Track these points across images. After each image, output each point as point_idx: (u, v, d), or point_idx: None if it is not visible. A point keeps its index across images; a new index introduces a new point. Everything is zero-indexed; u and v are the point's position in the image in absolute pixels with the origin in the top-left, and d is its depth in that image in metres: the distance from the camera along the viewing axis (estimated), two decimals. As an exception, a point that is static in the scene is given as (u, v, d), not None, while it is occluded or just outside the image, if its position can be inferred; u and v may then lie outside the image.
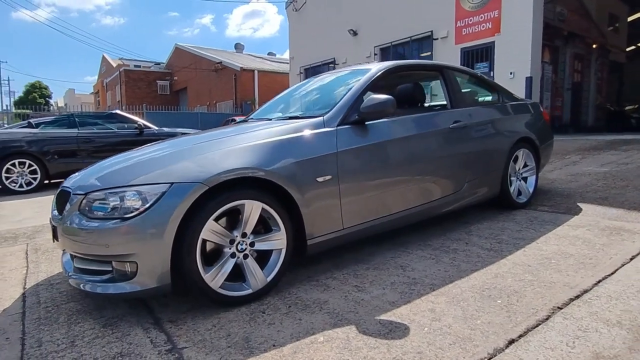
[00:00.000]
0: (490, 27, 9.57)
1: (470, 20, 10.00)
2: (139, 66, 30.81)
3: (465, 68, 3.77)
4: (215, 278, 1.98)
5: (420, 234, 3.07)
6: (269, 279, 2.15)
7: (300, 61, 15.59)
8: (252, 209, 2.06)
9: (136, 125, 7.38)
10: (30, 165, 6.42)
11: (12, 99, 55.68)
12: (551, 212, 3.49)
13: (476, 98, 3.65)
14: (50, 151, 6.55)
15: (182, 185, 1.89)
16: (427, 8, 11.03)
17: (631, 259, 2.35)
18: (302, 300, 2.10)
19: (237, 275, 2.08)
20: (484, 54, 9.81)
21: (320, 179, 2.29)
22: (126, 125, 7.54)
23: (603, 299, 1.91)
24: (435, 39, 10.97)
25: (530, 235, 2.90)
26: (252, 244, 2.12)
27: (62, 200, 2.14)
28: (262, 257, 2.19)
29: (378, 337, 1.69)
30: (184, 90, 28.91)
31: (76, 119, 7.14)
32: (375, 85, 2.81)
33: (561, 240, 2.76)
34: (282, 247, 2.19)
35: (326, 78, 3.43)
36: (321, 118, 2.50)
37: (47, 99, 58.99)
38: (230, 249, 2.05)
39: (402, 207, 2.75)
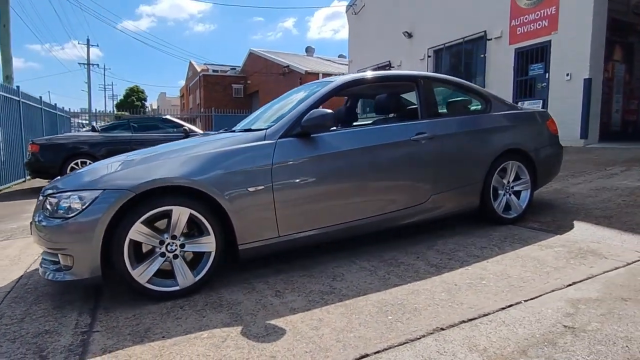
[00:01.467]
0: (546, 24, 8.86)
1: (526, 18, 9.34)
2: (217, 71, 33.10)
3: (448, 77, 3.65)
4: (142, 273, 2.26)
5: (382, 245, 3.09)
6: (197, 278, 2.38)
7: (358, 64, 15.68)
8: (180, 214, 2.31)
9: (182, 130, 8.11)
10: (91, 165, 7.38)
11: (114, 102, 63.02)
12: (536, 230, 3.27)
13: (458, 108, 3.54)
14: (108, 152, 7.48)
15: (112, 192, 2.20)
16: (482, 7, 10.50)
17: (568, 286, 2.19)
18: (221, 300, 2.29)
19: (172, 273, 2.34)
20: (539, 54, 9.10)
21: (251, 189, 2.47)
22: (175, 130, 8.31)
23: (494, 324, 1.84)
24: (489, 40, 10.41)
25: (489, 254, 2.79)
26: (182, 246, 2.36)
27: None
28: (198, 258, 2.42)
29: (251, 339, 1.84)
30: (256, 94, 30.45)
31: (132, 124, 8.05)
32: (338, 95, 2.93)
33: (515, 261, 2.62)
34: (211, 250, 2.41)
35: (303, 90, 3.57)
36: (264, 132, 2.67)
37: (143, 101, 65.93)
38: (160, 249, 2.31)
39: (351, 218, 2.81)
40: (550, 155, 3.81)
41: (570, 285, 2.20)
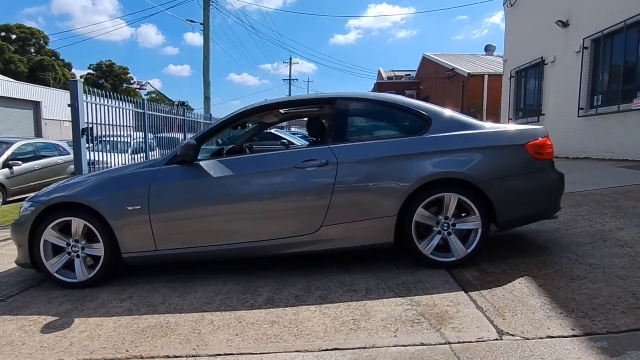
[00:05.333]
0: None
1: None
2: (392, 78, 33.84)
3: (372, 96, 3.23)
4: (53, 265, 3.04)
5: (281, 272, 3.09)
6: (90, 275, 3.03)
7: (514, 63, 13.79)
8: (77, 225, 3.01)
9: (280, 142, 9.06)
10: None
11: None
12: (452, 282, 2.65)
13: (378, 130, 3.13)
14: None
15: (35, 204, 3.06)
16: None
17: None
18: (102, 293, 2.87)
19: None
20: None
21: (130, 208, 2.97)
22: (280, 142, 9.35)
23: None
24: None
25: (349, 298, 2.49)
26: (83, 249, 3.05)
27: None
28: (97, 261, 3.07)
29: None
30: (427, 100, 29.97)
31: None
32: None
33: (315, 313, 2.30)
34: (101, 255, 3.02)
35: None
36: (158, 158, 3.13)
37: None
38: (69, 249, 3.05)
39: (227, 242, 2.97)
40: (525, 187, 2.93)
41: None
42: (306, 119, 4.05)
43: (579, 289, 2.36)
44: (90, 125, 6.10)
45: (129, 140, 7.55)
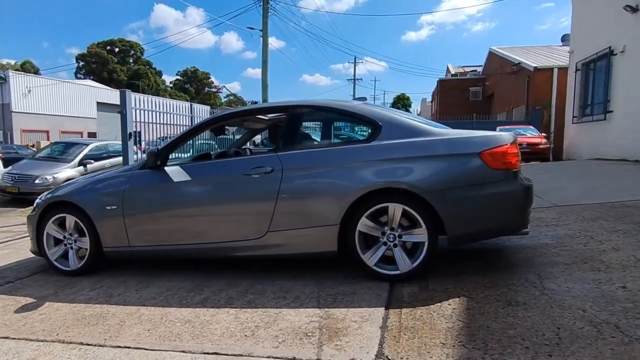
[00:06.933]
0: None
1: None
2: (456, 75, 32.02)
3: (323, 103, 3.18)
4: (52, 254, 3.52)
5: (235, 273, 3.24)
6: (79, 265, 3.46)
7: (578, 55, 12.33)
8: (70, 220, 3.45)
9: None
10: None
11: (383, 110, 70.65)
12: (380, 295, 2.57)
13: (330, 138, 3.10)
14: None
15: (41, 201, 3.57)
16: None
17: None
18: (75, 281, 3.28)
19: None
20: None
21: (108, 208, 3.33)
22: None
23: None
24: None
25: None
26: (75, 242, 3.49)
27: None
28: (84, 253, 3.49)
29: (14, 309, 2.77)
30: (492, 97, 27.95)
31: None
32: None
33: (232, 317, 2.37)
34: (86, 247, 3.43)
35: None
36: (135, 163, 3.45)
37: (407, 108, 71.02)
38: (65, 241, 3.51)
39: (189, 242, 3.20)
40: (480, 199, 2.72)
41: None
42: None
43: (504, 316, 2.16)
44: (138, 128, 6.83)
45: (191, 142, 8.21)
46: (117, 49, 56.12)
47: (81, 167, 9.74)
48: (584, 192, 5.53)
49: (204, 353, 2.02)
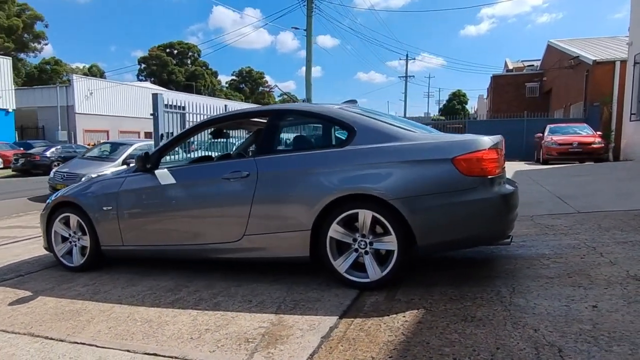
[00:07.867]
0: None
1: None
2: (512, 70, 30.29)
3: (301, 108, 3.12)
4: (59, 250, 3.80)
5: (211, 275, 3.31)
6: (81, 261, 3.71)
7: (637, 47, 11.21)
8: (73, 220, 3.71)
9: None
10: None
11: (439, 107, 68.64)
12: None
13: (303, 142, 3.05)
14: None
15: (50, 201, 3.86)
16: None
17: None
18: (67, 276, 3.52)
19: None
20: None
21: (105, 208, 3.54)
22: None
23: None
24: None
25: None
26: (78, 239, 3.75)
27: None
28: (84, 251, 3.73)
29: (11, 301, 3.03)
30: (550, 93, 26.18)
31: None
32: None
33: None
34: (87, 245, 3.67)
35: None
36: (131, 167, 3.63)
37: (463, 105, 68.36)
38: (70, 238, 3.78)
39: (176, 242, 3.33)
40: (452, 207, 2.57)
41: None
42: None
43: (450, 332, 2.04)
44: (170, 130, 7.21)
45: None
46: (175, 51, 59.12)
47: (125, 166, 10.42)
48: (616, 197, 5.04)
49: (145, 353, 2.09)
